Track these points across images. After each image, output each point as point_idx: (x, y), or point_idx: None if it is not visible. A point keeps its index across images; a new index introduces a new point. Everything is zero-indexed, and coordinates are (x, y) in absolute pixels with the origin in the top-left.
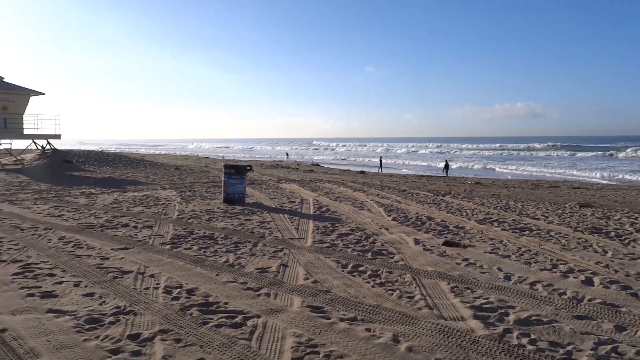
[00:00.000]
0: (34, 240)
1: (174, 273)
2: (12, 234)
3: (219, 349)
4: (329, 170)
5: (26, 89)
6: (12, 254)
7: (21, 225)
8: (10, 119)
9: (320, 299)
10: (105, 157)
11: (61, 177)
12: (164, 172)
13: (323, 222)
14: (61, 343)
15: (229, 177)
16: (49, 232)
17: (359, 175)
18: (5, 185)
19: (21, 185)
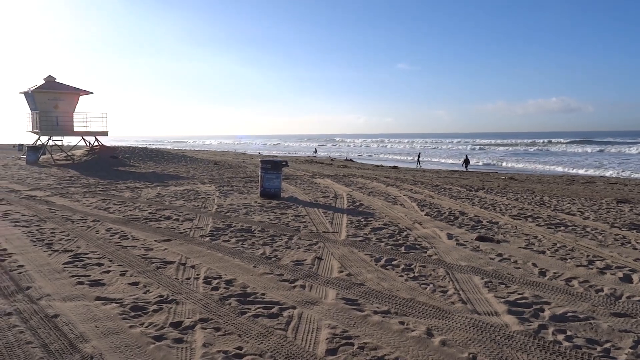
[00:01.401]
0: (83, 232)
1: (213, 264)
2: (63, 225)
3: (257, 338)
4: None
5: (76, 89)
6: (64, 244)
7: (72, 217)
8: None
9: (354, 291)
10: (149, 152)
11: (108, 172)
12: (203, 167)
13: (357, 217)
14: (108, 329)
15: (265, 172)
16: (97, 223)
17: (392, 171)
18: (57, 179)
19: (71, 180)
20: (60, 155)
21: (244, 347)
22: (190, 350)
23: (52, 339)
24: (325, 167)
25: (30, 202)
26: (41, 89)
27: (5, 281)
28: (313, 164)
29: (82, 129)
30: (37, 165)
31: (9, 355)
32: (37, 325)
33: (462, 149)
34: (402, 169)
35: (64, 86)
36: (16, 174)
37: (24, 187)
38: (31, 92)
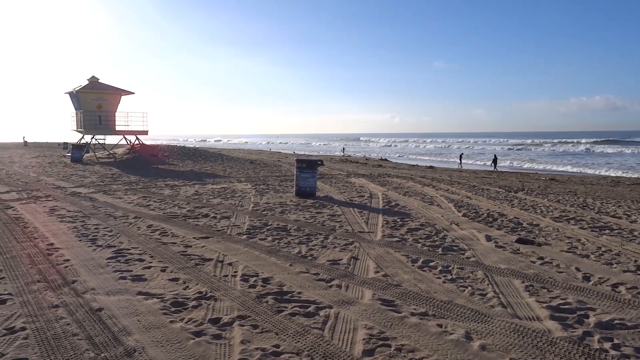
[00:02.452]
0: (125, 228)
1: (250, 262)
2: (106, 221)
3: (294, 336)
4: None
5: (118, 89)
6: (107, 240)
7: (114, 213)
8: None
9: (391, 292)
10: (187, 151)
11: (148, 170)
12: (239, 166)
13: (392, 217)
14: (150, 323)
15: (301, 171)
16: (138, 220)
17: (428, 171)
18: (100, 177)
19: (113, 177)
20: (102, 154)
21: (281, 345)
22: (229, 347)
23: (96, 331)
24: (359, 167)
25: (75, 199)
26: (85, 89)
27: (53, 274)
28: (347, 163)
29: (123, 128)
30: (81, 163)
31: (56, 347)
32: (82, 318)
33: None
34: (439, 169)
35: (106, 86)
36: (61, 171)
37: (69, 184)
38: (76, 92)
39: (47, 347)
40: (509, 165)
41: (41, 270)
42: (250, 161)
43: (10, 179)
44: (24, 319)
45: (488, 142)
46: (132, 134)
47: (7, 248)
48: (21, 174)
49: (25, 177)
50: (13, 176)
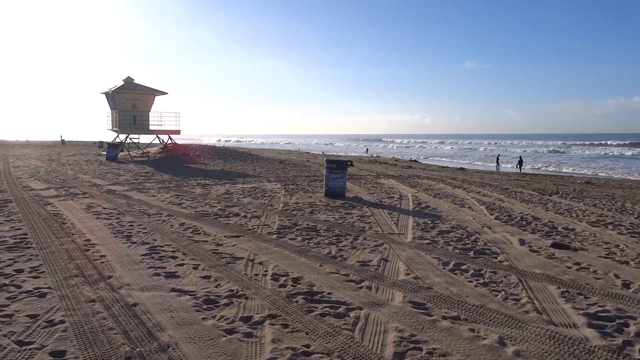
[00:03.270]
0: (158, 225)
1: (280, 261)
2: (140, 218)
3: (324, 337)
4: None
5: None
6: (141, 237)
7: (148, 211)
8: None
9: (422, 295)
10: (217, 151)
11: (180, 169)
12: (269, 166)
13: (423, 219)
14: (183, 320)
15: (330, 171)
16: (171, 218)
17: (459, 172)
18: (134, 175)
19: (147, 176)
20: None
21: (311, 345)
22: (260, 345)
23: (132, 326)
24: (389, 168)
25: (110, 196)
26: (121, 89)
27: (90, 270)
28: (376, 164)
29: (157, 127)
30: (115, 161)
31: (93, 340)
32: (118, 313)
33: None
34: (469, 171)
35: (141, 87)
36: (97, 169)
37: (105, 182)
38: (112, 92)
39: (84, 340)
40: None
41: (79, 266)
42: (279, 161)
43: (49, 177)
44: (62, 312)
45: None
46: (165, 134)
47: (47, 243)
48: (59, 172)
49: (63, 175)
50: (52, 173)
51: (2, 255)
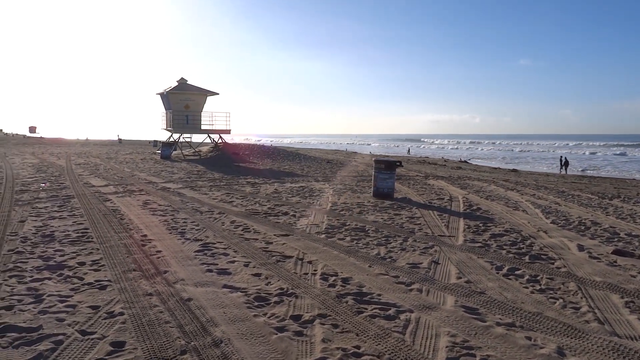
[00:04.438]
0: (210, 222)
1: (329, 261)
2: (193, 215)
3: (374, 339)
4: (477, 168)
5: (204, 90)
6: (194, 234)
7: (200, 208)
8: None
9: (475, 300)
10: (266, 150)
11: (230, 168)
12: (316, 165)
13: (474, 221)
14: (235, 316)
15: (379, 171)
16: (222, 216)
17: (511, 174)
18: (186, 173)
19: (199, 174)
20: (189, 151)
21: (362, 347)
22: (310, 345)
23: (186, 320)
24: (438, 168)
25: (165, 194)
26: (175, 90)
27: (147, 264)
28: (425, 165)
29: (208, 127)
30: (169, 160)
31: (150, 332)
32: (173, 307)
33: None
34: (523, 172)
35: (194, 87)
36: (152, 167)
37: (159, 180)
38: (166, 93)
39: (142, 332)
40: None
41: (136, 260)
42: (327, 161)
43: (107, 174)
44: (121, 305)
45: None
46: (216, 133)
47: (106, 238)
48: (117, 169)
49: (120, 173)
50: (110, 171)
51: (66, 248)
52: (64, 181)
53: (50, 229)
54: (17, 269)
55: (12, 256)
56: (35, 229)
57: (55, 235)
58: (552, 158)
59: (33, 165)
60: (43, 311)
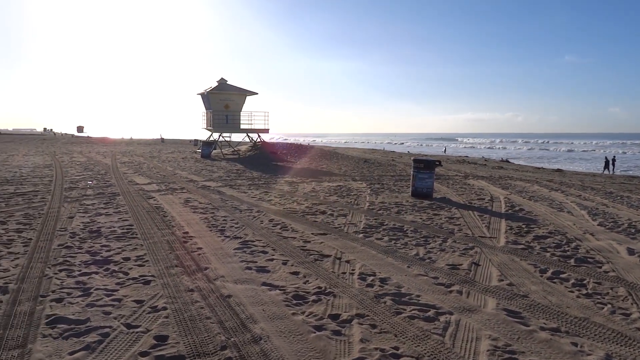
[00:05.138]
0: (249, 221)
1: (367, 261)
2: (233, 213)
3: (413, 340)
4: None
5: (243, 90)
6: (234, 231)
7: (239, 207)
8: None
9: (517, 303)
10: (303, 149)
11: (268, 167)
12: (354, 165)
13: (517, 222)
14: (274, 313)
15: (417, 171)
16: (260, 214)
17: (555, 174)
18: (226, 172)
19: (238, 173)
20: (228, 150)
21: (400, 348)
22: (348, 344)
23: (226, 316)
24: (478, 168)
25: (205, 192)
26: (215, 90)
27: (188, 261)
28: (465, 164)
29: (247, 126)
30: (209, 159)
31: (192, 327)
32: (214, 303)
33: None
34: (567, 173)
35: (233, 87)
36: (193, 166)
37: (200, 178)
38: (207, 93)
39: (184, 327)
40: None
41: (178, 256)
42: (364, 160)
43: (150, 172)
44: (165, 300)
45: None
46: (255, 132)
47: (150, 234)
48: (159, 168)
49: (163, 171)
50: (153, 169)
51: (112, 243)
52: (110, 179)
53: (97, 225)
54: (66, 263)
55: (61, 251)
56: (83, 224)
57: (102, 231)
58: (598, 158)
59: (81, 163)
60: (90, 304)
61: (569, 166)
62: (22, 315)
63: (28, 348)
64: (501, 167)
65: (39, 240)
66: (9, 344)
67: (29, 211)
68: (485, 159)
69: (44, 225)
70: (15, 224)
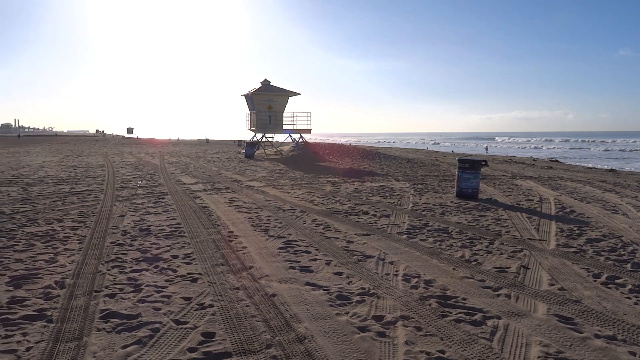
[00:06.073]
0: (292, 220)
1: (411, 262)
2: (276, 213)
3: (459, 344)
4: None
5: (286, 91)
6: (277, 231)
7: (283, 206)
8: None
9: (569, 308)
10: (345, 149)
11: (311, 167)
12: (396, 165)
13: (567, 224)
14: (318, 313)
15: (462, 171)
16: (303, 214)
17: (609, 174)
18: (269, 172)
19: (281, 173)
20: (271, 150)
21: (446, 352)
22: (393, 346)
23: (271, 315)
24: (526, 168)
25: (249, 192)
26: (258, 91)
27: (234, 259)
28: (512, 164)
29: (289, 127)
30: (253, 159)
31: (238, 325)
32: (259, 302)
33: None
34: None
35: (276, 89)
36: (237, 166)
37: (244, 178)
38: (250, 94)
39: (230, 324)
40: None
41: (224, 255)
42: (407, 160)
43: (197, 172)
44: (211, 297)
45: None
46: (298, 132)
47: (197, 233)
48: (205, 168)
49: (208, 171)
50: (199, 169)
51: (161, 241)
52: (158, 179)
53: (146, 223)
54: (118, 259)
55: (114, 248)
56: (134, 223)
57: (151, 230)
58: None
59: (131, 163)
60: (141, 300)
61: (623, 166)
62: (78, 309)
63: (84, 341)
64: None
65: (92, 237)
66: (66, 336)
67: (83, 209)
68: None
69: (97, 223)
70: (70, 222)
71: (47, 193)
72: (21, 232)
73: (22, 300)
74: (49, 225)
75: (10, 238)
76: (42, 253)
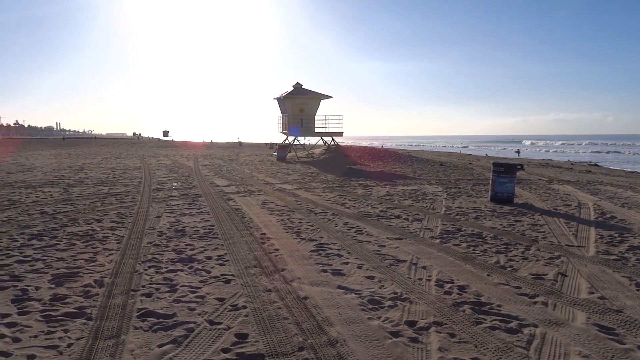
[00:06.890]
0: (324, 223)
1: (444, 267)
2: (308, 216)
3: (494, 352)
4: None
5: (318, 94)
6: (309, 234)
7: (314, 209)
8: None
9: (610, 318)
10: (377, 152)
11: (342, 170)
12: (429, 168)
13: (608, 231)
14: (350, 317)
15: (497, 175)
16: (335, 217)
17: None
18: (301, 175)
19: (312, 176)
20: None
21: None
22: (426, 352)
23: (303, 318)
24: (563, 172)
25: (281, 194)
26: (290, 95)
27: (266, 261)
28: (548, 168)
29: (321, 129)
30: (284, 162)
31: (271, 327)
32: (291, 304)
33: None
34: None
35: (308, 92)
36: (269, 168)
37: (276, 180)
38: (283, 98)
39: (263, 326)
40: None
41: (256, 257)
42: (439, 163)
43: (230, 175)
44: (244, 299)
45: None
46: (329, 135)
47: (230, 234)
48: (238, 171)
49: (241, 173)
50: (232, 172)
51: (195, 243)
52: (193, 181)
53: (181, 224)
54: (154, 260)
55: (150, 248)
56: (169, 224)
57: (186, 231)
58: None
59: (166, 166)
60: (177, 300)
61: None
62: (116, 307)
63: (122, 339)
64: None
65: (130, 237)
66: (105, 334)
67: (121, 210)
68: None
69: (135, 224)
70: (109, 222)
71: (87, 194)
72: (63, 232)
73: (63, 298)
74: (89, 226)
75: (52, 237)
76: (82, 252)
